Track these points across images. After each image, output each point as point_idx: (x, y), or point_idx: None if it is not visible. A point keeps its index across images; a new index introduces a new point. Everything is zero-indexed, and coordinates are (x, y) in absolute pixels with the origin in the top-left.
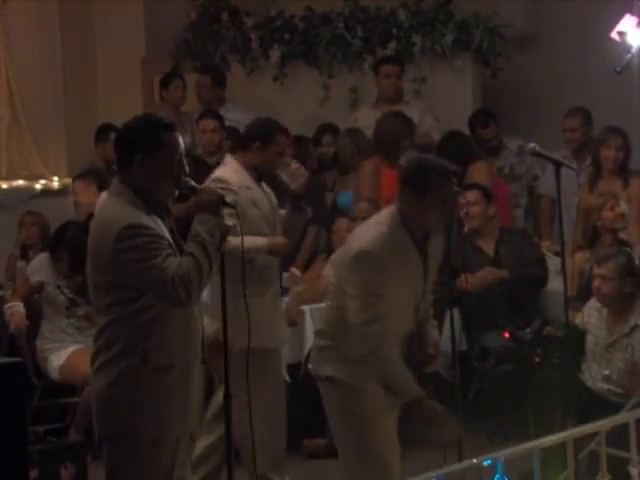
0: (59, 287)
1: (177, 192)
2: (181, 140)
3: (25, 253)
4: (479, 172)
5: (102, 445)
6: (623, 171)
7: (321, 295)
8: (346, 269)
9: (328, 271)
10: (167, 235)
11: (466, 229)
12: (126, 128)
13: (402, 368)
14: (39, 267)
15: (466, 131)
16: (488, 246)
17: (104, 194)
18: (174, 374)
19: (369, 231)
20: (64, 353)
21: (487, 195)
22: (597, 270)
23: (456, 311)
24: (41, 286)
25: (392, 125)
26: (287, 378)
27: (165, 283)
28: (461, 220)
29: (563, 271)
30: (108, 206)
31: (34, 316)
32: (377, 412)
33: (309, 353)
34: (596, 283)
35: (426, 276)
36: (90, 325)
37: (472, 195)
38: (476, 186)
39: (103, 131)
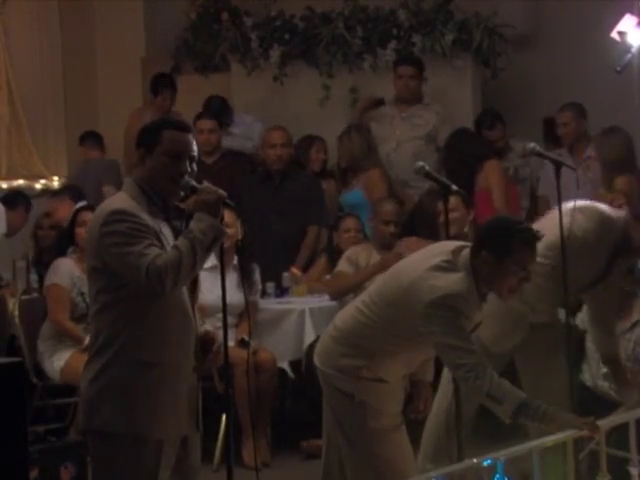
0: (82, 294)
1: (180, 192)
2: (191, 142)
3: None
4: (494, 171)
5: (87, 441)
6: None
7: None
8: (426, 310)
9: (343, 267)
10: (165, 234)
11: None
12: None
13: (500, 381)
14: (63, 274)
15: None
16: None
17: None
18: (155, 373)
19: (445, 272)
20: (66, 354)
21: (467, 202)
22: None
23: None
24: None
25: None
26: (291, 374)
27: (139, 270)
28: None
29: (564, 270)
30: (111, 199)
31: (35, 316)
32: (393, 427)
33: (308, 350)
34: None
35: None
36: None
37: (452, 200)
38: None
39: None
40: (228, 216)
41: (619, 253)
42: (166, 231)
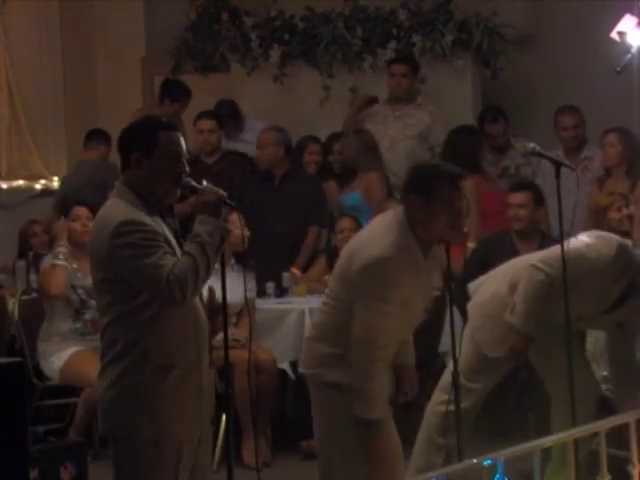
0: (73, 287)
1: (179, 192)
2: (182, 140)
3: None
4: (468, 191)
5: (108, 445)
6: (632, 171)
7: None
8: (356, 277)
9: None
10: (168, 234)
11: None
12: (125, 129)
13: (382, 385)
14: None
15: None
16: (527, 250)
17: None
18: (175, 375)
19: (378, 238)
20: (65, 354)
21: (538, 198)
22: None
23: (456, 311)
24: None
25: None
26: (291, 375)
27: (160, 281)
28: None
29: (563, 271)
30: (108, 206)
31: (35, 316)
32: (383, 418)
33: None
34: None
35: (429, 282)
36: (95, 331)
37: (521, 197)
38: (528, 187)
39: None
40: (232, 218)
41: (633, 291)
42: (167, 231)
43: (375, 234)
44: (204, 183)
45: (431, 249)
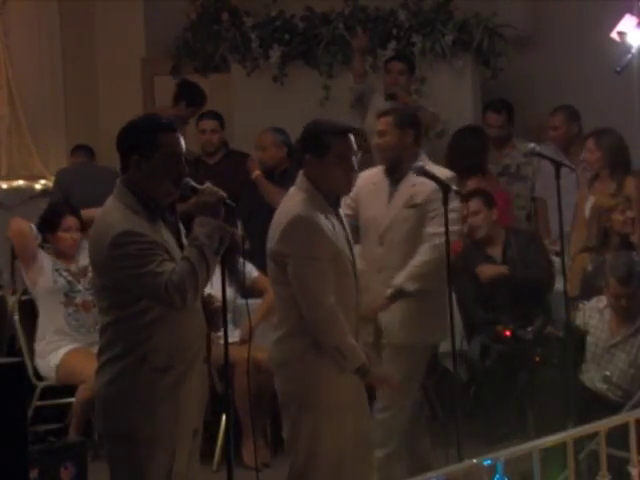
0: (57, 270)
1: (179, 193)
2: (182, 141)
3: None
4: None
5: (104, 443)
6: (615, 174)
7: None
8: (279, 246)
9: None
10: (168, 238)
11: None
12: (124, 129)
13: (348, 335)
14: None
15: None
16: (496, 252)
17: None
18: (173, 375)
19: (292, 201)
20: (61, 352)
21: (488, 201)
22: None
23: (456, 310)
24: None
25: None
26: None
27: (158, 289)
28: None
29: (563, 271)
30: (108, 210)
31: (34, 317)
32: (336, 406)
33: None
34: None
35: (348, 241)
36: (88, 316)
37: (474, 204)
38: (476, 193)
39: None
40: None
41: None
42: (166, 234)
43: (284, 205)
44: (206, 184)
45: (339, 206)
